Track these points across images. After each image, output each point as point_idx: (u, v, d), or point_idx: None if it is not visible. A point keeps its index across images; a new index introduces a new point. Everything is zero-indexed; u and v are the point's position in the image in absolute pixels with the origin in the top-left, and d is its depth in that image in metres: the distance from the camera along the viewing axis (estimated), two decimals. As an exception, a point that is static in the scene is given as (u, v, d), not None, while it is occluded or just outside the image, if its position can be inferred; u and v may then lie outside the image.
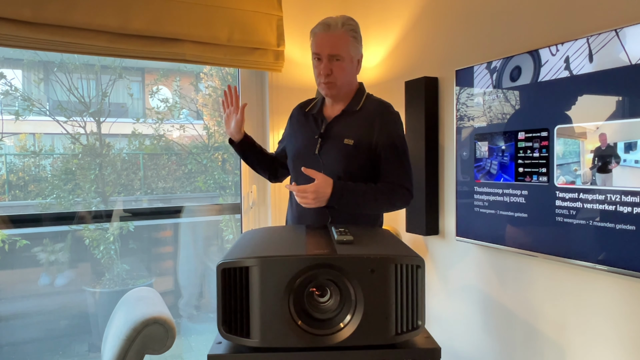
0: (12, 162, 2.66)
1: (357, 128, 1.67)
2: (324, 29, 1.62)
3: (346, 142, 1.66)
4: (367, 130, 1.66)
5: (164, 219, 2.86)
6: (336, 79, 1.64)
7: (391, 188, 1.64)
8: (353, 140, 1.65)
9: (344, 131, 1.68)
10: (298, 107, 1.89)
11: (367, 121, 1.68)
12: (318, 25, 1.65)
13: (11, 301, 2.60)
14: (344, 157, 1.65)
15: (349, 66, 1.66)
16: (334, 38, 1.61)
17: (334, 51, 1.61)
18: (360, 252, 1.09)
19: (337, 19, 1.64)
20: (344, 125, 1.70)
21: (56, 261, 2.68)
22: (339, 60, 1.63)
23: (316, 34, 1.64)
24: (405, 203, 1.67)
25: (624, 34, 1.48)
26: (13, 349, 2.56)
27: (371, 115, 1.69)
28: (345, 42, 1.63)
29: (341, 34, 1.62)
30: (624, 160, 1.49)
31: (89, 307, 2.73)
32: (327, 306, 1.09)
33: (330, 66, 1.62)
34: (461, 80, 2.10)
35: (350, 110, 1.71)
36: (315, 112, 1.77)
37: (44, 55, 2.59)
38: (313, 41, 1.66)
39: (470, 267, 2.16)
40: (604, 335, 1.63)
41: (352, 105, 1.72)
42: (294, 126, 1.85)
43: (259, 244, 1.24)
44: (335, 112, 1.74)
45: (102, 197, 2.72)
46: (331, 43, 1.61)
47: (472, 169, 2.06)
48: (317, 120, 1.76)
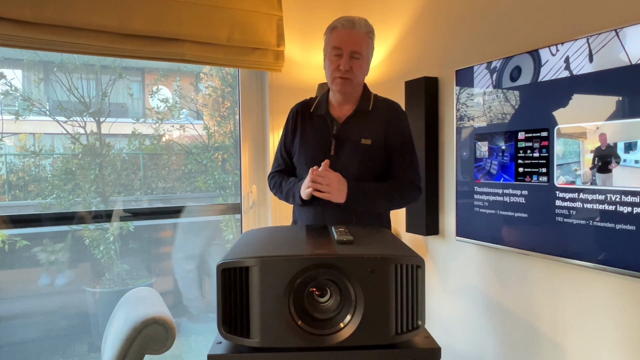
0: (12, 162, 2.66)
1: (373, 128, 1.68)
2: (349, 26, 1.63)
3: (363, 142, 1.66)
4: (382, 129, 1.68)
5: (164, 219, 2.86)
6: (354, 76, 1.64)
7: (402, 185, 1.67)
8: (370, 140, 1.66)
9: (360, 131, 1.68)
10: (299, 108, 1.81)
11: (381, 121, 1.69)
12: (340, 20, 1.65)
13: (11, 301, 2.60)
14: (361, 157, 1.65)
15: (365, 67, 1.68)
16: (358, 36, 1.63)
17: (357, 48, 1.62)
18: (360, 252, 1.09)
19: (360, 19, 1.65)
20: (359, 126, 1.69)
21: (56, 261, 2.68)
22: (359, 59, 1.63)
23: (339, 30, 1.64)
24: (415, 200, 1.72)
25: (624, 34, 1.48)
26: (13, 349, 2.56)
27: (384, 115, 1.71)
28: (366, 42, 1.65)
29: (364, 34, 1.64)
30: (624, 160, 1.49)
31: (89, 307, 2.73)
32: (327, 306, 1.09)
33: (350, 63, 1.62)
34: (461, 80, 2.10)
35: (363, 110, 1.71)
36: (323, 113, 1.73)
37: (44, 55, 2.59)
38: (333, 36, 1.65)
39: (470, 267, 2.16)
40: (603, 335, 1.63)
41: (363, 105, 1.71)
42: (300, 128, 1.77)
43: (259, 244, 1.24)
44: (344, 112, 1.72)
45: (102, 197, 2.72)
46: (355, 40, 1.62)
47: (472, 169, 2.06)
48: (327, 121, 1.72)
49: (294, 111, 1.82)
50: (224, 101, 3.11)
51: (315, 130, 1.74)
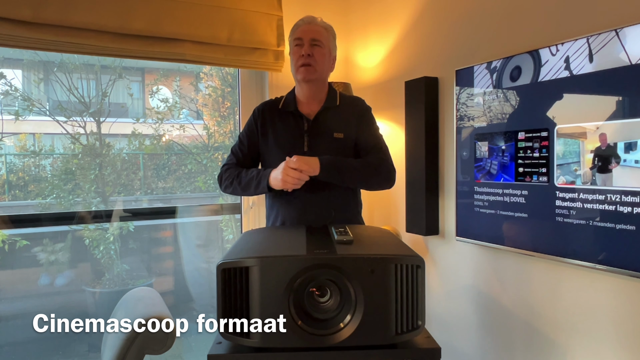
0: (12, 162, 2.66)
1: (344, 122, 1.74)
2: (308, 22, 1.73)
3: (336, 136, 1.71)
4: (351, 123, 1.75)
5: (164, 219, 2.86)
6: (316, 62, 1.69)
7: (375, 161, 1.71)
8: (342, 133, 1.72)
9: (331, 125, 1.73)
10: (265, 107, 1.81)
11: (350, 115, 1.76)
12: (300, 20, 1.75)
13: (11, 301, 2.59)
14: (335, 150, 1.68)
15: (327, 57, 1.74)
16: (317, 27, 1.73)
17: (316, 36, 1.70)
18: (360, 252, 1.09)
19: (319, 19, 1.77)
20: (330, 120, 1.74)
21: (56, 261, 2.68)
22: (320, 47, 1.70)
23: (299, 26, 1.74)
24: (390, 179, 1.73)
25: (624, 34, 1.48)
26: (13, 349, 2.56)
27: (352, 109, 1.78)
28: (325, 34, 1.74)
29: (322, 28, 1.74)
30: (624, 160, 1.49)
31: (89, 307, 2.73)
32: (327, 306, 1.09)
33: (311, 50, 1.69)
34: (461, 80, 2.10)
35: (331, 105, 1.76)
36: (293, 110, 1.75)
37: (44, 55, 2.59)
38: (294, 31, 1.74)
39: (470, 267, 2.16)
40: (603, 335, 1.63)
41: (330, 101, 1.77)
42: (270, 127, 1.77)
43: (259, 244, 1.24)
44: (313, 109, 1.76)
45: (102, 197, 2.72)
46: (313, 31, 1.71)
47: (472, 169, 2.06)
48: (297, 117, 1.75)
49: (260, 109, 1.81)
50: (224, 101, 3.11)
51: (286, 127, 1.75)
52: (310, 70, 1.68)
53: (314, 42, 1.69)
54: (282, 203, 1.74)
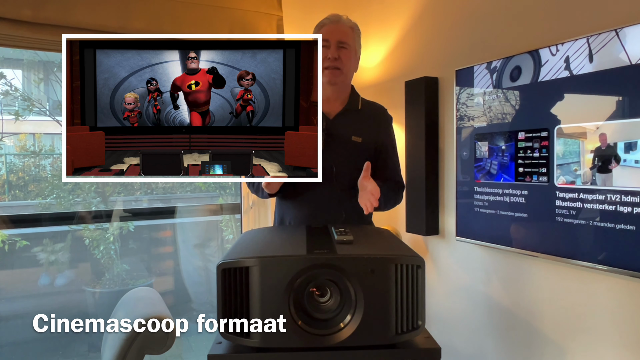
0: (12, 162, 2.66)
1: (364, 127, 1.70)
2: (334, 21, 1.68)
3: (354, 139, 1.68)
4: (372, 129, 1.71)
5: (164, 219, 2.86)
6: (343, 65, 1.65)
7: (397, 186, 1.73)
8: (361, 138, 1.69)
9: (350, 129, 1.70)
10: None
11: (371, 121, 1.72)
12: (325, 19, 1.70)
13: (11, 301, 2.60)
14: (352, 154, 1.67)
15: (353, 58, 1.71)
16: (344, 28, 1.68)
17: (343, 38, 1.66)
18: (360, 252, 1.09)
19: (344, 17, 1.71)
20: (349, 123, 1.71)
21: (56, 261, 2.68)
22: (347, 49, 1.67)
23: (325, 25, 1.69)
24: (401, 197, 1.77)
25: (624, 34, 1.48)
26: (13, 349, 2.56)
27: (373, 115, 1.74)
28: (352, 35, 1.69)
29: (349, 28, 1.70)
30: (624, 160, 1.49)
31: (89, 307, 2.73)
32: (327, 306, 1.09)
33: (338, 52, 1.65)
34: (461, 80, 2.10)
35: (352, 108, 1.72)
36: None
37: (44, 55, 2.59)
38: (319, 30, 1.69)
39: (470, 267, 2.16)
40: (604, 335, 1.63)
41: (352, 104, 1.73)
42: None
43: (259, 244, 1.24)
44: (333, 108, 1.73)
45: (102, 197, 2.72)
46: (341, 32, 1.67)
47: (472, 169, 2.06)
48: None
49: None
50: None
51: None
52: (337, 73, 1.65)
53: (340, 44, 1.65)
54: (291, 205, 1.72)
